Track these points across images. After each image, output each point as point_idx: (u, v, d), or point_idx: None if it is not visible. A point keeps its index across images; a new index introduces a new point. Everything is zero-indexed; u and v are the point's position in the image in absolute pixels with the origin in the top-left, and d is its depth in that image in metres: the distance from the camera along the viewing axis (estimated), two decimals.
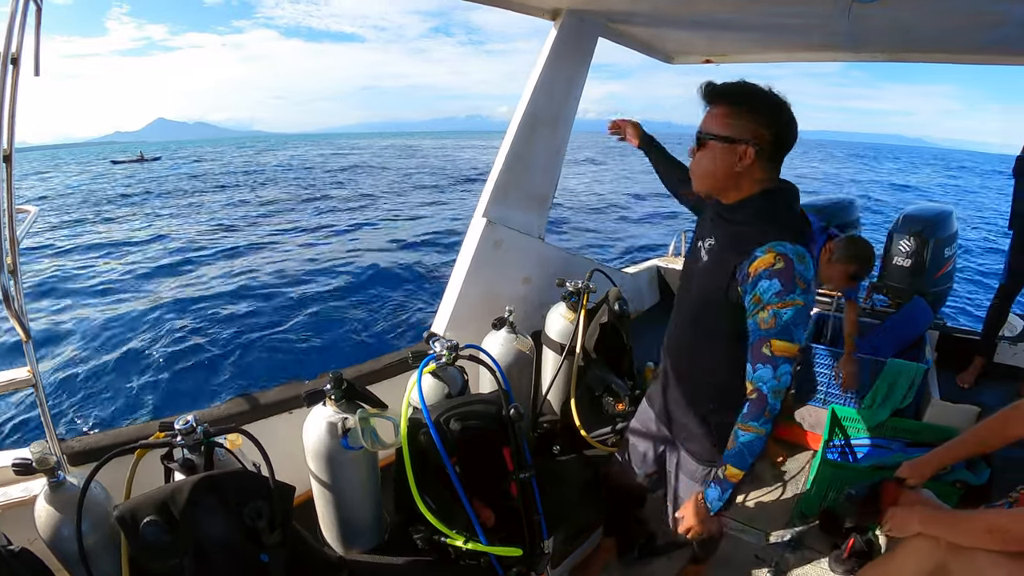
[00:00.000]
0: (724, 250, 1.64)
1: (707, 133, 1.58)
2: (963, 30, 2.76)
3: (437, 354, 1.92)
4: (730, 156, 1.57)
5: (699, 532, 1.73)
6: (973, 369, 3.76)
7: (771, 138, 1.55)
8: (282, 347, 8.79)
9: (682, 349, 1.87)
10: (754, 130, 1.54)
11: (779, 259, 1.48)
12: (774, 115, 1.55)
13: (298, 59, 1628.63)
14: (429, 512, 1.70)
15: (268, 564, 1.46)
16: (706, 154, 1.60)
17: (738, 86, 1.57)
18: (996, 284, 3.77)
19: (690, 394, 1.87)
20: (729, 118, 1.56)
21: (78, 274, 13.73)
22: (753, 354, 1.54)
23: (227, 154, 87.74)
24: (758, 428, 1.54)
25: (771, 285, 1.48)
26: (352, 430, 1.71)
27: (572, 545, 2.61)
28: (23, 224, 1.64)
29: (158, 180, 41.93)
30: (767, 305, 1.48)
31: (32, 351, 1.64)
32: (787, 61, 3.77)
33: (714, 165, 1.60)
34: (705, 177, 1.64)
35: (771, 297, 1.48)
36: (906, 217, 4.32)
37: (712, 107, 1.60)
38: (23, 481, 1.62)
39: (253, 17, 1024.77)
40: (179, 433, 1.49)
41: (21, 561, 1.36)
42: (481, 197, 2.86)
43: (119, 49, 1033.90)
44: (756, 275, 1.50)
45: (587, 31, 2.93)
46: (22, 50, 1.44)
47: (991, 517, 1.61)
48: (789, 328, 1.48)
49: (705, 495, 1.68)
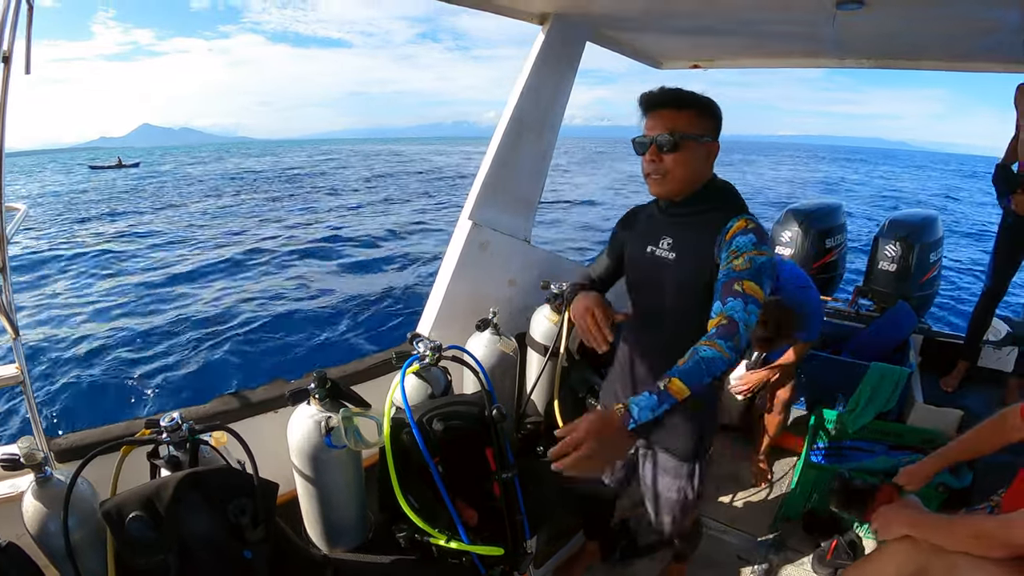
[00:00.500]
0: (696, 240, 1.72)
1: (685, 135, 1.65)
2: (953, 37, 2.78)
3: (421, 355, 1.94)
4: (704, 154, 1.70)
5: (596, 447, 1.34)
6: (957, 373, 3.80)
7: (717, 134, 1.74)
8: (267, 347, 8.80)
9: (652, 348, 1.91)
10: (715, 128, 1.72)
11: (751, 223, 1.64)
12: (719, 114, 1.72)
13: (284, 64, 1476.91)
14: (412, 511, 1.72)
15: (251, 560, 1.48)
16: (684, 155, 1.67)
17: (690, 92, 1.69)
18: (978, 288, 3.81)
19: None
20: (698, 119, 1.68)
21: (63, 273, 13.74)
22: (723, 292, 1.55)
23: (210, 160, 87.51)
24: (724, 349, 1.42)
25: (747, 239, 1.60)
26: (335, 429, 1.73)
27: (555, 545, 2.63)
28: (12, 222, 1.65)
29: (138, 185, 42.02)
30: (742, 254, 1.58)
31: (20, 348, 1.65)
32: (774, 67, 3.80)
33: (693, 164, 1.70)
34: (685, 178, 1.71)
35: (747, 246, 1.59)
36: (892, 222, 4.37)
37: (679, 111, 1.67)
38: (10, 477, 1.63)
39: (240, 22, 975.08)
40: (165, 430, 1.50)
41: (8, 556, 1.37)
42: (467, 199, 2.87)
43: (105, 54, 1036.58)
44: (732, 236, 1.62)
45: (575, 36, 2.95)
46: (13, 49, 1.46)
47: (976, 523, 1.63)
48: (760, 273, 1.56)
49: (629, 401, 1.36)
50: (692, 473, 1.98)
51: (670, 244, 1.79)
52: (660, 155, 1.67)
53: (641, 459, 2.13)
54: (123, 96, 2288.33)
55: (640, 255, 1.87)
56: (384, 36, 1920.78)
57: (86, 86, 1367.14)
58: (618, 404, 1.37)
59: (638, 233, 1.92)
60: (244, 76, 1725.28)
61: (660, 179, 1.71)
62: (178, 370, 8.05)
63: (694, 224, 1.74)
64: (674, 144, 1.65)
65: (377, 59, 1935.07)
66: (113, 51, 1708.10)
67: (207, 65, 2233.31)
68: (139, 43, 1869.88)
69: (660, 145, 1.66)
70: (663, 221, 1.83)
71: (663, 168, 1.68)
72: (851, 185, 43.92)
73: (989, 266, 3.62)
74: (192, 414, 2.00)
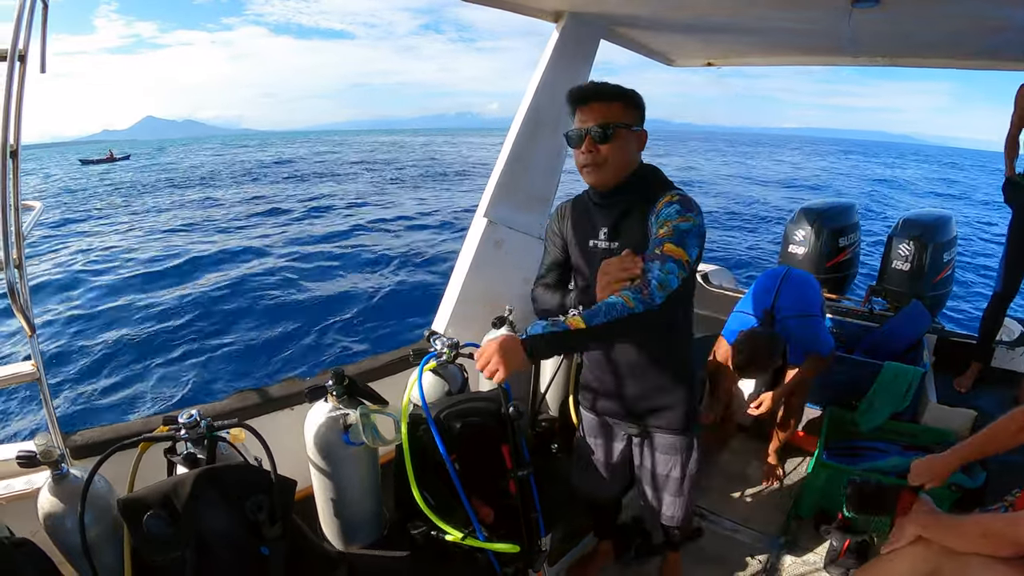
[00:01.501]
0: (630, 222, 1.80)
1: (619, 124, 1.71)
2: (964, 35, 2.77)
3: (438, 352, 1.94)
4: (635, 142, 1.78)
5: (494, 360, 1.46)
6: (971, 373, 3.77)
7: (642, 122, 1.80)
8: (285, 344, 8.83)
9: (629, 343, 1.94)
10: (641, 117, 1.79)
11: (676, 195, 1.72)
12: (643, 104, 1.78)
13: (287, 56, 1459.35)
14: (428, 508, 1.71)
15: (268, 557, 1.48)
16: (617, 144, 1.73)
17: (616, 85, 1.76)
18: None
19: (644, 374, 1.97)
20: (626, 110, 1.74)
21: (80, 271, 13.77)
22: (647, 259, 1.63)
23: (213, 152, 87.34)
24: (631, 299, 1.51)
25: (672, 208, 1.67)
26: (353, 426, 1.73)
27: (569, 544, 2.63)
28: (29, 219, 1.65)
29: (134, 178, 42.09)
30: (667, 222, 1.64)
31: (36, 345, 1.65)
32: (788, 64, 3.79)
33: (628, 152, 1.77)
34: (621, 165, 1.77)
35: (672, 215, 1.65)
36: (905, 221, 4.35)
37: (609, 103, 1.73)
38: (27, 474, 1.63)
39: (243, 14, 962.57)
40: (183, 427, 1.50)
41: (24, 552, 1.37)
42: (482, 197, 2.87)
43: (108, 47, 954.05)
44: (660, 209, 1.68)
45: (589, 33, 2.94)
46: (29, 47, 1.46)
47: (986, 521, 1.62)
48: (683, 236, 1.63)
49: (527, 329, 1.50)
50: (688, 447, 2.07)
51: (606, 233, 1.84)
52: (595, 146, 1.72)
53: (636, 448, 2.18)
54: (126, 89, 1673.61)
55: (584, 250, 1.92)
56: (387, 27, 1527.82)
57: (89, 80, 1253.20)
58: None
59: (575, 229, 1.96)
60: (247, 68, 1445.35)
61: (596, 169, 1.76)
62: (194, 367, 8.08)
63: (627, 210, 1.81)
64: (607, 134, 1.70)
65: (380, 50, 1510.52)
66: (116, 44, 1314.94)
67: (210, 57, 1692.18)
68: (142, 36, 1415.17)
69: (595, 136, 1.71)
70: (596, 212, 1.88)
71: (600, 158, 1.74)
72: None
73: (999, 269, 3.60)
74: (210, 411, 2.01)
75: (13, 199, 1.48)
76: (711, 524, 2.94)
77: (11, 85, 1.42)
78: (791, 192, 31.61)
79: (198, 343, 8.84)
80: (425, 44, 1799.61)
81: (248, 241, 16.90)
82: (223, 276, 12.76)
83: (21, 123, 1.47)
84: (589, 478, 2.30)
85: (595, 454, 2.24)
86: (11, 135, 1.44)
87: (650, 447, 2.13)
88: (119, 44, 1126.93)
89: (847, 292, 4.66)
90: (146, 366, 8.07)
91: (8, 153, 1.44)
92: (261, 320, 9.81)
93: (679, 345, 1.98)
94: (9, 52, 1.40)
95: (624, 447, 2.20)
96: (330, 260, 14.50)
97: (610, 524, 2.61)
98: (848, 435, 3.23)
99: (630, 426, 2.10)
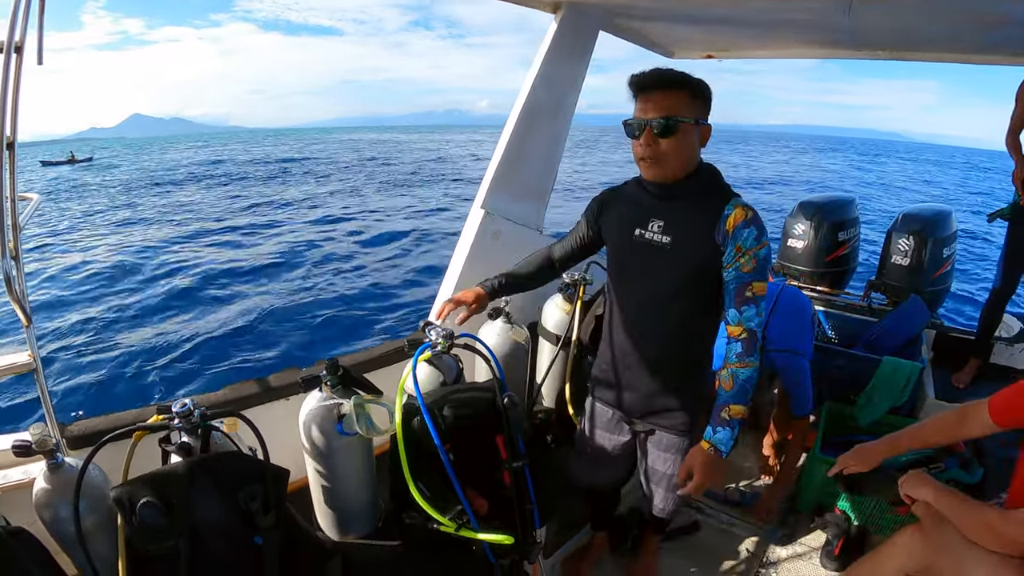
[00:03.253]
0: (690, 222, 1.74)
1: (679, 118, 1.63)
2: (964, 29, 2.75)
3: (433, 342, 1.93)
4: (698, 137, 1.71)
5: (709, 481, 1.74)
6: (969, 369, 3.77)
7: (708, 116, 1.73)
8: (280, 335, 8.85)
9: (651, 333, 1.92)
10: (706, 110, 1.71)
11: (747, 210, 1.68)
12: (710, 96, 1.71)
13: (276, 53, 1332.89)
14: (423, 499, 1.72)
15: (262, 546, 1.48)
16: (679, 139, 1.66)
17: (682, 73, 1.67)
18: None
19: (663, 374, 1.96)
20: (691, 101, 1.66)
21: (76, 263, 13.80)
22: (736, 298, 1.69)
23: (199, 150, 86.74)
24: (754, 362, 1.68)
25: (750, 232, 1.66)
26: (347, 416, 1.73)
27: (565, 536, 2.64)
28: (25, 210, 1.65)
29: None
30: (747, 251, 1.65)
31: (33, 336, 1.66)
32: (789, 57, 3.77)
33: (689, 147, 1.70)
34: (681, 161, 1.71)
35: (751, 243, 1.66)
36: (905, 216, 4.33)
37: (672, 93, 1.65)
38: (22, 464, 1.64)
39: (231, 10, 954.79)
40: (177, 417, 1.50)
41: (20, 541, 1.38)
42: (480, 188, 2.87)
43: (95, 43, 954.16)
44: (735, 228, 1.66)
45: (587, 25, 2.94)
46: (26, 39, 1.46)
47: (991, 515, 1.64)
48: (764, 268, 1.68)
49: (713, 441, 1.71)
50: (688, 449, 2.02)
51: (661, 227, 1.79)
52: (655, 139, 1.66)
53: (640, 443, 2.18)
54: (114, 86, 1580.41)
55: (627, 239, 1.87)
56: (376, 24, 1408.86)
57: (76, 76, 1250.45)
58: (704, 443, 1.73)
59: (620, 216, 1.91)
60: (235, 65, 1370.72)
61: (654, 163, 1.71)
62: (189, 357, 8.10)
63: (689, 208, 1.76)
64: (669, 128, 1.63)
65: (369, 47, 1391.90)
66: (103, 41, 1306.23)
67: (198, 54, 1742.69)
68: (129, 32, 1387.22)
69: (655, 129, 1.64)
70: (652, 203, 1.82)
71: (659, 152, 1.67)
72: None
73: (999, 266, 3.61)
74: (204, 401, 2.02)
75: (10, 191, 1.48)
76: (708, 518, 2.94)
77: (7, 77, 1.42)
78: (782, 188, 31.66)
79: (194, 336, 8.86)
80: (415, 40, 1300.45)
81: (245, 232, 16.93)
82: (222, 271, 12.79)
83: (18, 116, 1.47)
84: (588, 467, 2.31)
85: (597, 444, 2.24)
86: (7, 127, 1.44)
87: (653, 444, 2.13)
88: (106, 40, 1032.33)
89: (845, 286, 4.65)
90: (142, 357, 8.08)
91: (5, 145, 1.44)
92: (257, 313, 9.81)
93: (701, 351, 1.97)
94: (5, 44, 1.40)
95: (628, 441, 2.20)
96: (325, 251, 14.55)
97: (608, 515, 2.61)
98: (845, 430, 3.23)
99: (637, 421, 2.10)
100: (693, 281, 1.77)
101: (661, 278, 1.81)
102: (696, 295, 1.79)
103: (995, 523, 1.59)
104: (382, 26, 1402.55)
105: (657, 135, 1.65)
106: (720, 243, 1.69)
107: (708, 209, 1.71)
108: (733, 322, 1.70)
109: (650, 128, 1.65)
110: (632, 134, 1.70)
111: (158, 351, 8.29)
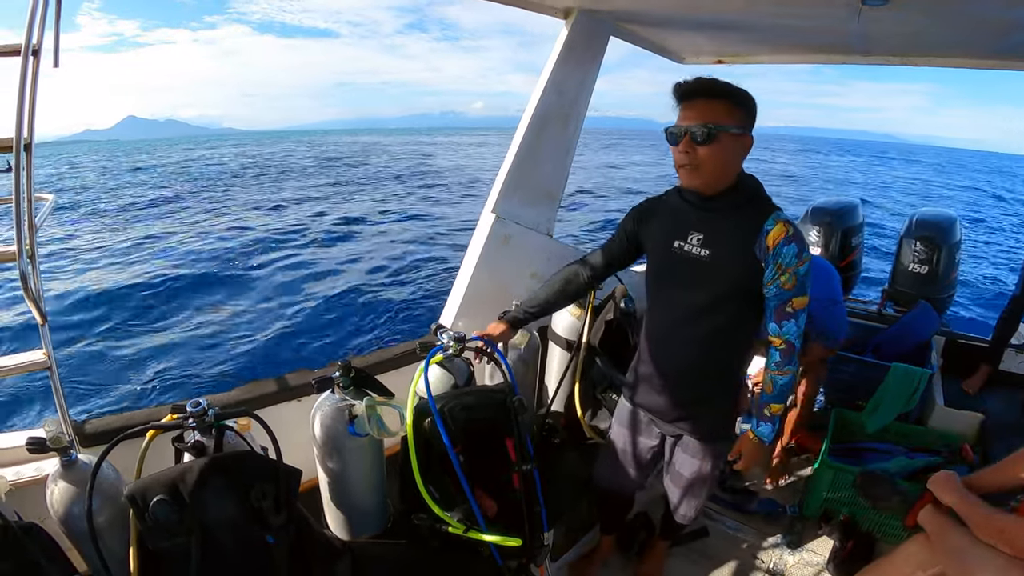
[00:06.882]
0: (729, 237, 1.74)
1: (719, 126, 1.62)
2: (976, 35, 2.74)
3: (444, 345, 1.95)
4: (740, 147, 1.69)
5: (754, 461, 1.96)
6: (980, 375, 3.75)
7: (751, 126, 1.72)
8: (293, 336, 8.86)
9: (686, 343, 1.90)
10: (749, 120, 1.68)
11: (788, 226, 1.69)
12: (754, 106, 1.70)
13: (271, 55, 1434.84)
14: (432, 500, 1.72)
15: (273, 545, 1.49)
16: (719, 148, 1.65)
17: (725, 83, 1.67)
18: None
19: (696, 382, 1.95)
20: (735, 111, 1.65)
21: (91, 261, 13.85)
22: (776, 314, 1.75)
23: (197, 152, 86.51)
24: (792, 370, 1.80)
25: (790, 250, 1.66)
26: (359, 417, 1.74)
27: (572, 539, 2.63)
28: (41, 211, 1.67)
29: None
30: (787, 268, 1.66)
31: (48, 334, 1.67)
32: (799, 63, 3.76)
33: (728, 156, 1.68)
34: (720, 170, 1.71)
35: (791, 260, 1.67)
36: (917, 222, 4.31)
37: (714, 101, 1.65)
38: (36, 460, 1.65)
39: (226, 12, 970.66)
40: (191, 416, 1.51)
41: (32, 537, 1.39)
42: (490, 193, 2.87)
43: (90, 45, 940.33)
44: (776, 246, 1.66)
45: (598, 30, 2.94)
46: (43, 42, 1.47)
47: (1006, 521, 1.64)
48: (805, 284, 1.71)
49: (758, 433, 1.90)
50: (717, 455, 2.10)
51: (701, 240, 1.78)
52: (694, 146, 1.65)
53: (668, 447, 2.19)
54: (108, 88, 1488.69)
55: (666, 251, 1.86)
56: (371, 26, 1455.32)
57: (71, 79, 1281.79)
58: (751, 434, 1.92)
59: (660, 226, 1.90)
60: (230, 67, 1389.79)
61: (693, 171, 1.70)
62: (204, 358, 8.12)
63: (728, 221, 1.75)
64: (709, 135, 1.62)
65: (364, 49, 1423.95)
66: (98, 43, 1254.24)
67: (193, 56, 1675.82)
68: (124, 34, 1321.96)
69: (694, 136, 1.64)
70: (691, 215, 1.81)
71: (697, 160, 1.67)
72: None
73: (1021, 273, 3.60)
74: (218, 400, 2.03)
75: (27, 191, 1.50)
76: (715, 524, 2.94)
77: (25, 80, 1.44)
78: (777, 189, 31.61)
79: (210, 336, 8.88)
80: (410, 43, 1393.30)
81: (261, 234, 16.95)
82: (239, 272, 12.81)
83: (35, 118, 1.48)
84: (614, 468, 2.30)
85: (627, 446, 2.24)
86: (24, 129, 1.45)
87: (681, 448, 2.14)
88: (101, 43, 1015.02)
89: (852, 292, 4.63)
90: (156, 357, 8.10)
91: (22, 146, 1.46)
92: (271, 314, 9.83)
93: (735, 361, 1.97)
94: (23, 47, 1.42)
95: (656, 444, 2.19)
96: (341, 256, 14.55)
97: (620, 519, 2.61)
98: (853, 436, 3.23)
99: (667, 426, 2.10)
100: (730, 294, 1.77)
101: (698, 290, 1.80)
102: (732, 307, 1.80)
103: (1009, 528, 1.60)
104: (378, 28, 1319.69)
105: (696, 143, 1.65)
106: (760, 258, 1.69)
107: (748, 223, 1.71)
108: (773, 334, 1.78)
109: (689, 135, 1.65)
110: (673, 141, 1.70)
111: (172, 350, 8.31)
